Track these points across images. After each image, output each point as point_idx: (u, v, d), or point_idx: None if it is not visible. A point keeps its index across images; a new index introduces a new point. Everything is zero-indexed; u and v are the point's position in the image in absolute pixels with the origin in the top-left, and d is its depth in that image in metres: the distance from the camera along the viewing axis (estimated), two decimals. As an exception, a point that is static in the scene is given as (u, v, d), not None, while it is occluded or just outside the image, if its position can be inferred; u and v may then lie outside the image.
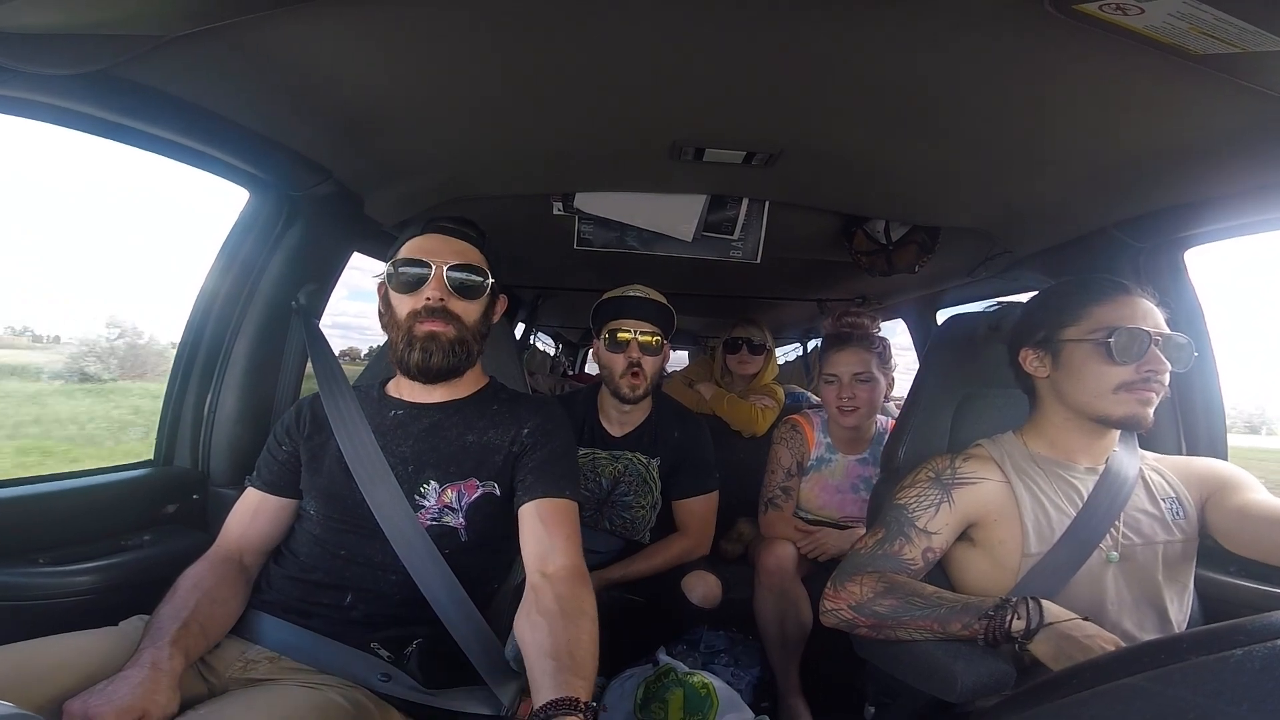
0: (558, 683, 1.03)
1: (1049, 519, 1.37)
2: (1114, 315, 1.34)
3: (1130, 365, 1.31)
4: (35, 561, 1.45)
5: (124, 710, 0.98)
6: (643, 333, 2.23)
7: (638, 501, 2.31)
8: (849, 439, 2.57)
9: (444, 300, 1.38)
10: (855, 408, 2.43)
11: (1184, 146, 1.42)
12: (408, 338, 1.39)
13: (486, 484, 1.42)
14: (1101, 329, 1.33)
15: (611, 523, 2.34)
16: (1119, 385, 1.32)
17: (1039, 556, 1.35)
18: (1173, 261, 1.88)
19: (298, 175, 1.77)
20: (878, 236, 2.45)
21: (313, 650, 1.29)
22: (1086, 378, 1.35)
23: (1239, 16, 0.91)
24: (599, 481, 2.30)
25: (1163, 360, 1.31)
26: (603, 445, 2.34)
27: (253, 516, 1.46)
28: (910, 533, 1.42)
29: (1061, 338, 1.39)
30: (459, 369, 1.44)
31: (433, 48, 1.31)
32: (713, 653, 2.41)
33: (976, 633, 1.23)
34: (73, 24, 1.07)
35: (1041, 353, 1.42)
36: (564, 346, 8.67)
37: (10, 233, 3.82)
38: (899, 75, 1.32)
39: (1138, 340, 1.30)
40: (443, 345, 1.38)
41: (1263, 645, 0.68)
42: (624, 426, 2.36)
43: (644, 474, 2.32)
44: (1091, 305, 1.37)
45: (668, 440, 2.34)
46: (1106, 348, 1.31)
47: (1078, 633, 1.15)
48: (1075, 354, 1.37)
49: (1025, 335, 1.46)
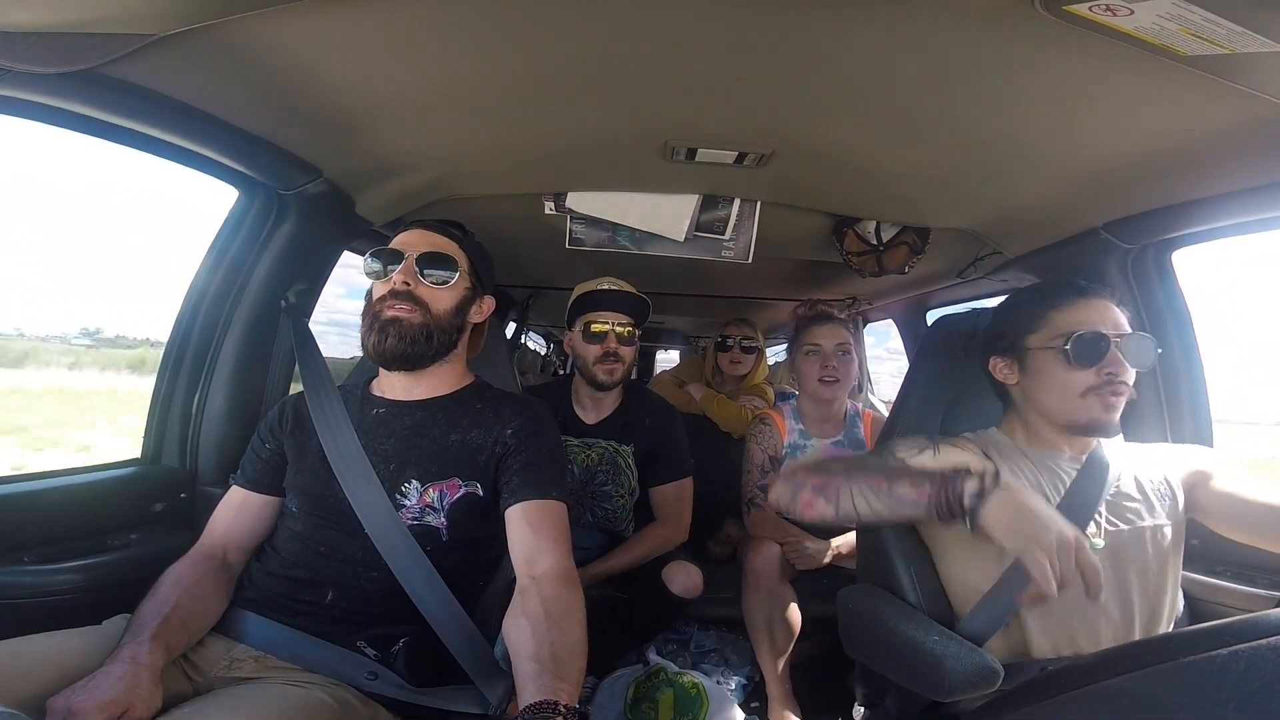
0: (539, 686, 1.04)
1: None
2: (1073, 320, 1.36)
3: (1091, 369, 1.32)
4: (20, 560, 1.44)
5: (106, 705, 0.98)
6: (619, 324, 2.34)
7: (616, 490, 2.36)
8: (822, 420, 2.60)
9: (409, 285, 1.39)
10: (837, 378, 2.49)
11: (1173, 148, 1.43)
12: (372, 321, 1.40)
13: (469, 484, 1.41)
14: (1061, 335, 1.35)
15: (594, 515, 2.37)
16: (1085, 389, 1.33)
17: None
18: (1161, 262, 1.90)
19: (288, 174, 1.76)
20: (868, 237, 2.45)
21: (298, 648, 1.28)
22: (1052, 384, 1.37)
23: (1228, 18, 0.91)
24: (572, 469, 2.34)
25: (1122, 361, 1.32)
26: (575, 433, 2.40)
27: (236, 514, 1.46)
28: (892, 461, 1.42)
29: (1026, 345, 1.41)
30: (421, 356, 1.42)
31: (424, 46, 1.31)
32: (703, 652, 2.41)
33: (925, 495, 1.21)
34: (60, 22, 1.06)
35: (1009, 360, 1.44)
36: (554, 346, 8.62)
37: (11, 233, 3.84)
38: (889, 76, 1.33)
39: (1095, 344, 1.32)
40: (402, 329, 1.38)
41: (1249, 645, 0.68)
42: (598, 414, 2.44)
43: (619, 461, 2.37)
44: (1051, 311, 1.39)
45: (639, 427, 2.42)
46: (1065, 355, 1.33)
47: (1037, 510, 1.13)
48: (1039, 361, 1.39)
49: (993, 344, 1.47)
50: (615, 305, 2.37)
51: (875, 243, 2.45)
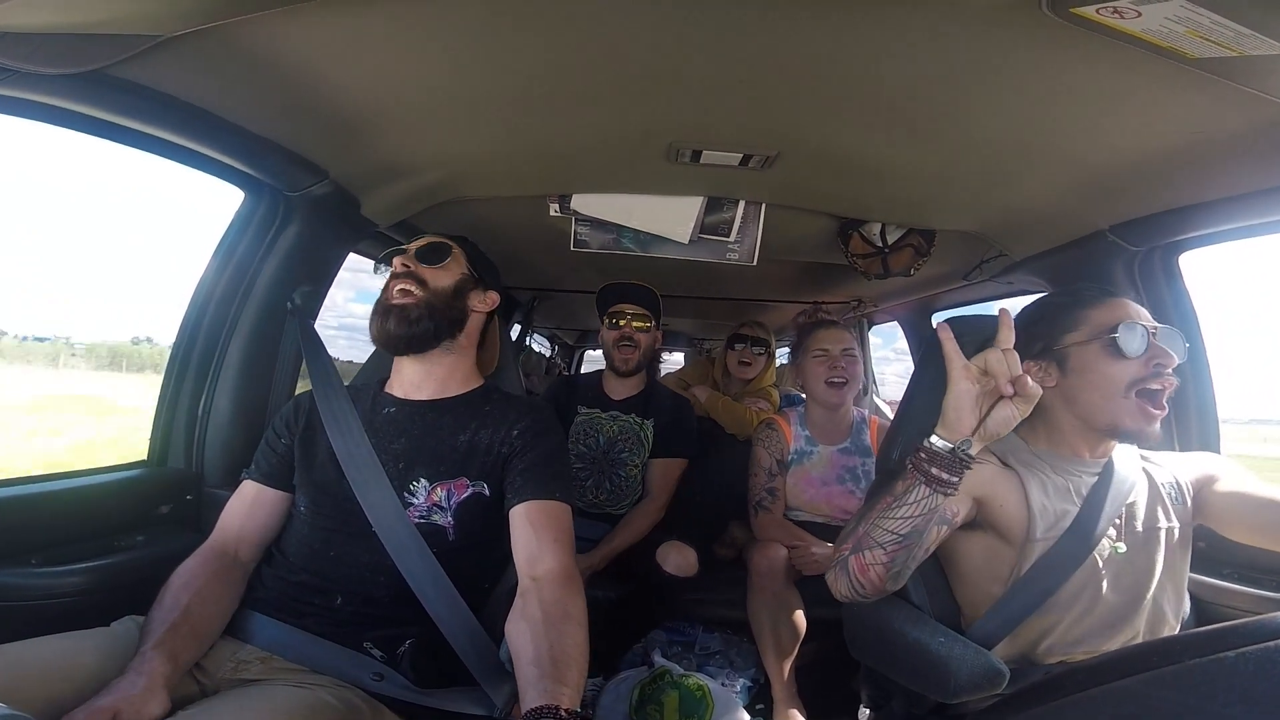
0: (540, 690, 1.04)
1: (1054, 508, 1.36)
2: (1110, 316, 1.35)
3: (1138, 359, 1.31)
4: (28, 562, 1.44)
5: (96, 711, 0.99)
6: (636, 316, 2.68)
7: (631, 460, 2.63)
8: (828, 426, 2.62)
9: (409, 266, 1.49)
10: (845, 379, 2.52)
11: (1180, 150, 1.42)
12: (379, 308, 1.47)
13: (476, 483, 1.42)
14: (1103, 329, 1.34)
15: (612, 482, 2.62)
16: (1130, 383, 1.32)
17: (1045, 544, 1.34)
18: (1168, 265, 1.89)
19: (293, 175, 1.77)
20: (874, 240, 2.45)
21: (305, 650, 1.29)
22: (1097, 380, 1.35)
23: (1236, 20, 0.91)
24: (597, 439, 2.66)
25: (1166, 351, 1.31)
26: (603, 407, 2.72)
27: (251, 509, 1.46)
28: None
29: (1065, 344, 1.39)
30: (424, 337, 1.47)
31: (430, 48, 1.31)
32: (708, 654, 2.41)
33: (913, 478, 1.23)
34: (68, 24, 1.06)
35: (1045, 363, 1.42)
36: (560, 348, 8.59)
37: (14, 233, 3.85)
38: (896, 78, 1.32)
39: (1140, 333, 1.31)
40: (403, 311, 1.45)
41: (1256, 648, 0.68)
42: (623, 393, 2.74)
43: (640, 434, 2.66)
44: (1085, 310, 1.39)
45: (661, 406, 2.72)
46: (1113, 344, 1.32)
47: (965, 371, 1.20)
48: (1083, 356, 1.37)
49: (1023, 349, 1.45)
50: (635, 297, 2.70)
51: (881, 245, 2.45)
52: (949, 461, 1.19)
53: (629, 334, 2.66)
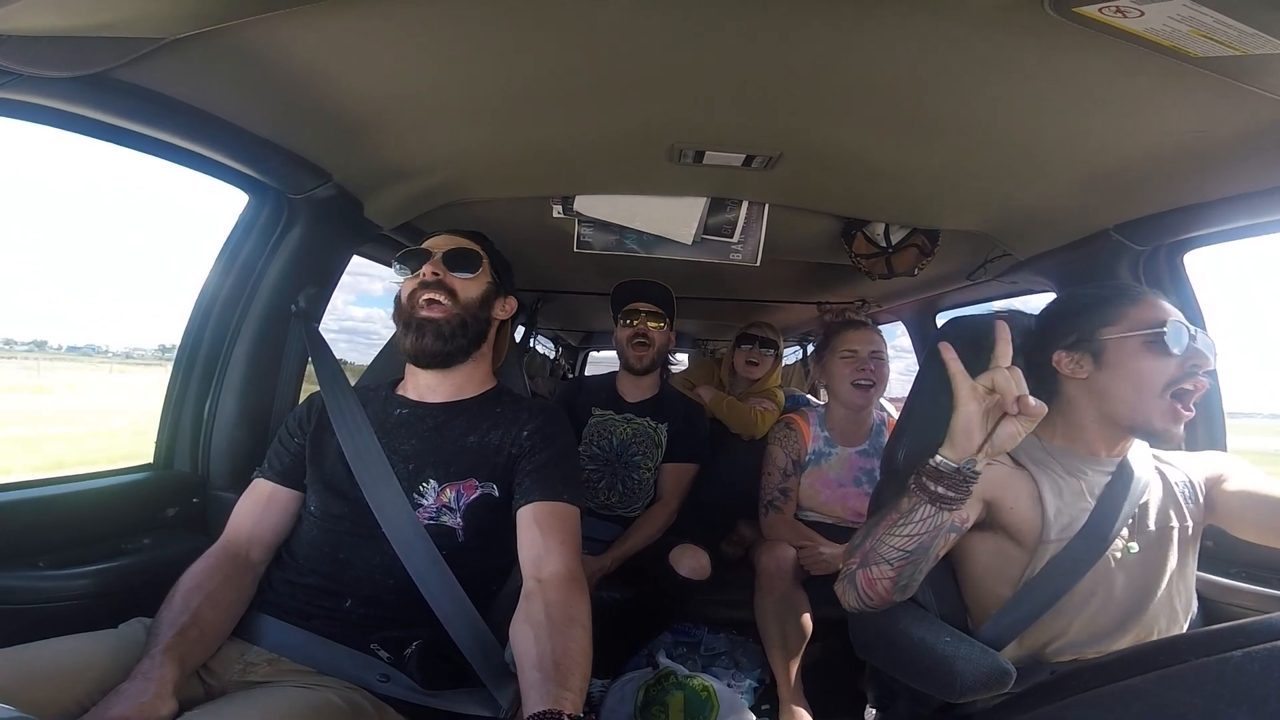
0: (542, 694, 1.03)
1: (1068, 508, 1.36)
2: (1150, 314, 1.34)
3: (1178, 359, 1.30)
4: (35, 564, 1.45)
5: None
6: (650, 315, 2.68)
7: (644, 463, 2.62)
8: (849, 428, 2.60)
9: (439, 275, 1.46)
10: (873, 381, 2.51)
11: (1184, 149, 1.42)
12: (408, 320, 1.46)
13: (485, 484, 1.42)
14: (1146, 325, 1.33)
15: (625, 484, 2.59)
16: (1166, 384, 1.30)
17: (1057, 546, 1.33)
18: (1173, 264, 1.89)
19: (297, 178, 1.77)
20: (877, 240, 2.45)
21: (312, 651, 1.29)
22: (1133, 374, 1.33)
23: (1239, 19, 0.91)
24: (610, 440, 2.65)
25: (1204, 353, 1.30)
26: (617, 409, 2.72)
27: (264, 508, 1.46)
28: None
29: (1104, 336, 1.37)
30: (457, 352, 1.47)
31: (433, 50, 1.31)
32: (713, 655, 2.41)
33: (919, 497, 1.23)
34: (72, 27, 1.07)
35: (1079, 354, 1.40)
36: (564, 350, 8.56)
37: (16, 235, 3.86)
38: (899, 78, 1.32)
39: (1186, 333, 1.30)
40: (439, 327, 1.44)
41: (1262, 647, 0.68)
42: (638, 395, 2.74)
43: (654, 437, 2.65)
44: (1127, 306, 1.37)
45: (675, 409, 2.72)
46: (1159, 340, 1.30)
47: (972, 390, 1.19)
48: (1122, 350, 1.35)
49: (1055, 339, 1.44)
50: (644, 293, 2.73)
51: (884, 245, 2.45)
52: (954, 480, 1.19)
53: (643, 332, 2.66)
